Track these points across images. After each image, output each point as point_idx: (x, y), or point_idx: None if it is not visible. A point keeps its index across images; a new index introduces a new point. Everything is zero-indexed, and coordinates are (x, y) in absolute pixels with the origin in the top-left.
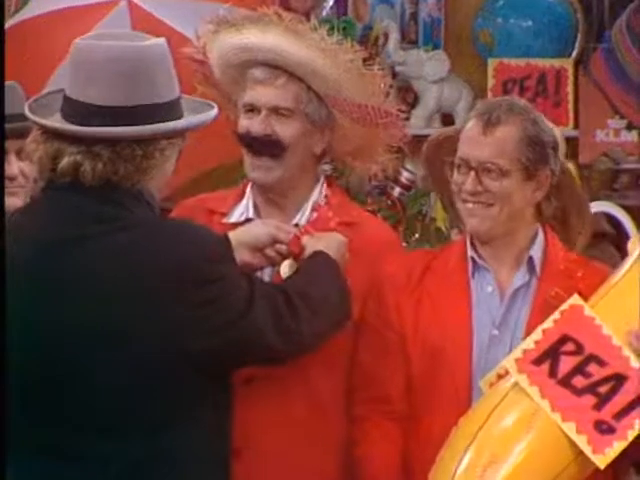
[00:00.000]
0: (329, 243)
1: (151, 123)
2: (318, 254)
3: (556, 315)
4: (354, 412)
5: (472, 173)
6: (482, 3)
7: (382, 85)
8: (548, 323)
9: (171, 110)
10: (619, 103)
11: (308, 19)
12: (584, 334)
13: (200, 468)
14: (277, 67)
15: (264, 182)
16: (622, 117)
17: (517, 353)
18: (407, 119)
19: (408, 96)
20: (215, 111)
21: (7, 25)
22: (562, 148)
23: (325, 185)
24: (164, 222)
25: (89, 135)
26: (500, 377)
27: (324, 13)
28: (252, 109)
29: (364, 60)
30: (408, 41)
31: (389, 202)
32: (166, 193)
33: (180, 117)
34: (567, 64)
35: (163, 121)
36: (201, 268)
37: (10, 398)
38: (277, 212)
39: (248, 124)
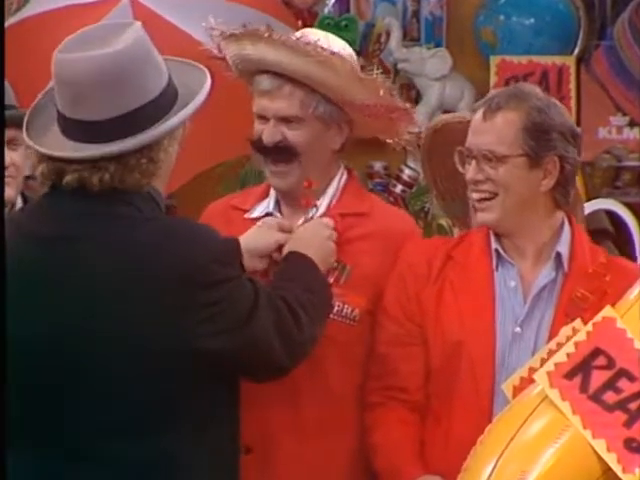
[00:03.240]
0: (310, 235)
1: (151, 125)
2: (298, 256)
3: (589, 327)
4: (369, 400)
5: (474, 161)
6: (484, 1)
7: (384, 88)
8: (581, 335)
9: (165, 101)
10: (621, 100)
11: (310, 15)
12: (615, 348)
13: (203, 471)
14: (281, 75)
15: (282, 188)
16: (624, 114)
17: (549, 366)
18: None
19: (410, 93)
20: (208, 80)
21: (9, 23)
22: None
23: (344, 176)
24: (173, 222)
25: (96, 157)
26: (523, 380)
27: (326, 10)
28: (262, 119)
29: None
30: (410, 39)
31: (391, 199)
32: (169, 190)
33: (174, 102)
34: (569, 61)
35: (161, 118)
36: (209, 269)
37: (10, 398)
38: (295, 207)
39: (260, 131)
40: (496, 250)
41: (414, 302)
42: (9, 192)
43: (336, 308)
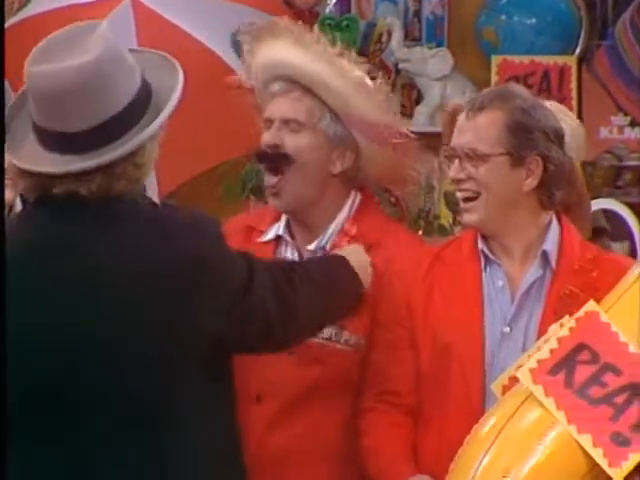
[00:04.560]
0: (354, 255)
1: (129, 129)
2: (338, 256)
3: (572, 323)
4: (362, 405)
5: (457, 160)
6: (485, 1)
7: (388, 101)
8: (564, 331)
9: (141, 103)
10: (622, 100)
11: (312, 15)
12: (600, 342)
13: (204, 466)
14: (294, 81)
15: (280, 207)
16: (626, 114)
17: (532, 363)
18: (410, 116)
19: (412, 93)
20: (180, 74)
21: (10, 22)
22: (576, 142)
23: (358, 203)
24: (160, 215)
25: (81, 170)
26: (512, 379)
27: (327, 10)
28: (268, 122)
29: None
30: (411, 38)
31: (392, 199)
32: (169, 190)
33: (149, 102)
34: (570, 61)
35: (137, 121)
36: (202, 256)
37: (10, 398)
38: (305, 231)
39: (263, 137)
40: (482, 251)
41: (403, 306)
42: (8, 195)
43: (334, 334)
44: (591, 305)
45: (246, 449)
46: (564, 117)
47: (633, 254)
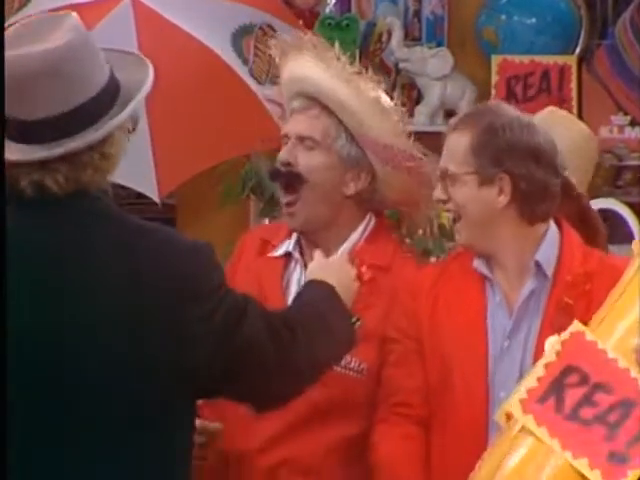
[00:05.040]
0: (334, 272)
1: (97, 120)
2: (319, 284)
3: (557, 347)
4: (374, 418)
5: (440, 181)
6: (485, 0)
7: (401, 124)
8: (550, 357)
9: (108, 95)
10: (623, 99)
11: (312, 15)
12: (588, 362)
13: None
14: (313, 98)
15: (295, 228)
16: (626, 113)
17: (521, 393)
18: (411, 116)
19: (412, 93)
20: (151, 69)
21: (10, 22)
22: (579, 152)
23: (372, 227)
24: (149, 229)
25: (48, 158)
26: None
27: (327, 10)
28: (285, 139)
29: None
30: (411, 38)
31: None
32: (169, 189)
33: (117, 95)
34: (571, 61)
35: (105, 113)
36: (206, 278)
37: (10, 398)
38: (314, 248)
39: (279, 154)
40: (477, 268)
41: (410, 318)
42: None
43: (345, 359)
44: (576, 325)
45: (242, 465)
46: (562, 128)
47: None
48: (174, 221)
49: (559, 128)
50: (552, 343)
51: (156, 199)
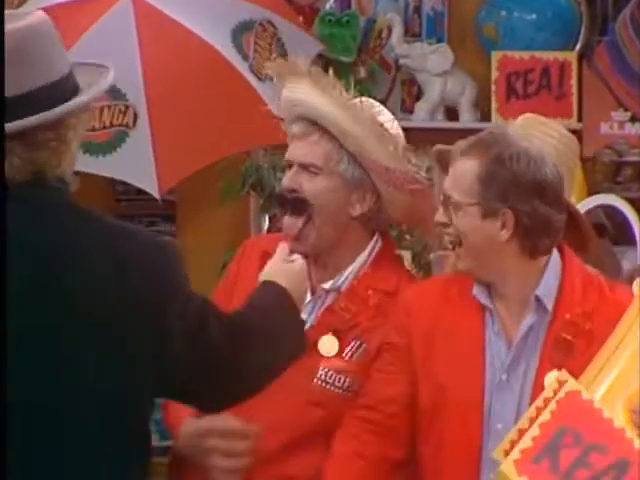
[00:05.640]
0: (285, 275)
1: (55, 105)
2: (272, 285)
3: (552, 406)
4: (344, 418)
5: (442, 205)
6: None
7: (399, 148)
8: (545, 416)
9: (67, 87)
10: (623, 96)
11: (312, 11)
12: (583, 422)
13: None
14: (313, 123)
15: (302, 252)
16: (626, 109)
17: (515, 454)
18: (411, 112)
19: (412, 89)
20: (112, 74)
21: None
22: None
23: (378, 249)
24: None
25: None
26: (514, 443)
27: (327, 6)
28: (289, 164)
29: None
30: (412, 34)
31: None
32: (170, 185)
33: (76, 90)
34: (571, 57)
35: (62, 101)
36: (175, 275)
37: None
38: (321, 269)
39: (283, 180)
40: (475, 296)
41: (401, 332)
42: None
43: (346, 382)
44: (571, 384)
45: None
46: (542, 135)
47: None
48: (174, 217)
49: (538, 135)
50: (550, 380)
51: (156, 195)
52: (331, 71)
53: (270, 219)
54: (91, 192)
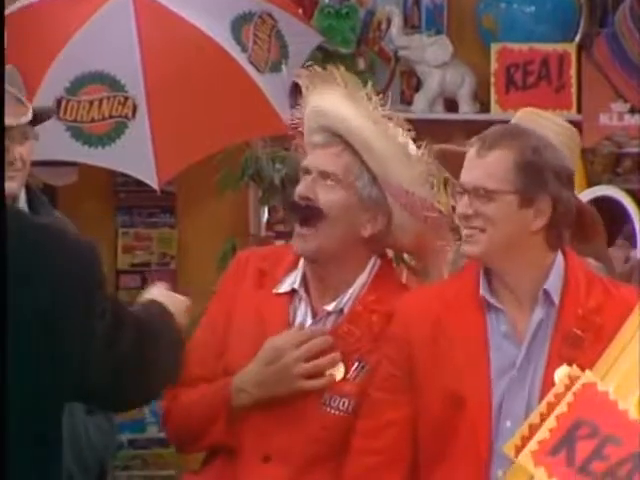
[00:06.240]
0: (171, 299)
1: None
2: (159, 303)
3: (569, 398)
4: (352, 444)
5: (465, 197)
6: None
7: (426, 174)
8: (562, 408)
9: None
10: (622, 87)
11: (312, 3)
12: (598, 414)
13: None
14: (337, 135)
15: (302, 251)
16: (625, 101)
17: (532, 445)
18: (410, 103)
19: (411, 81)
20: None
21: (9, 11)
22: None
23: (377, 267)
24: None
25: None
26: (524, 439)
27: None
28: (306, 173)
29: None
30: (411, 26)
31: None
32: (169, 177)
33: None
34: (570, 49)
35: None
36: (99, 270)
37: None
38: (321, 287)
39: (298, 188)
40: (483, 297)
41: (400, 348)
42: (13, 185)
43: (350, 405)
44: (587, 376)
45: None
46: (545, 129)
47: (633, 242)
48: (173, 209)
49: (540, 128)
50: (561, 376)
51: (155, 187)
52: (370, 84)
53: (269, 211)
54: (90, 183)
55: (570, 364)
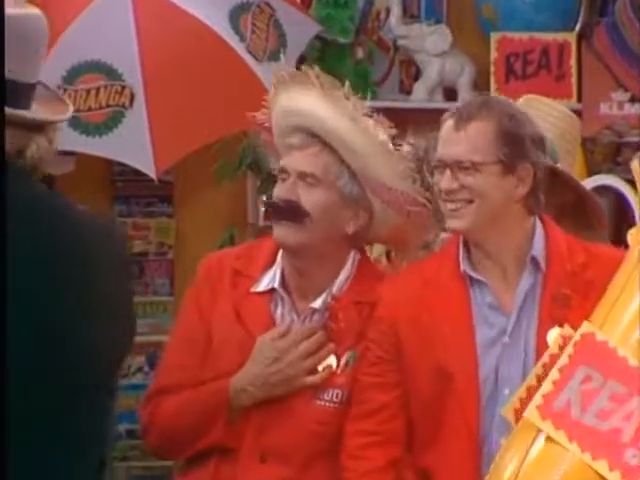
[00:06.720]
0: None
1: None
2: None
3: (570, 350)
4: (345, 430)
5: (447, 171)
6: None
7: (407, 169)
8: (564, 360)
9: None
10: (622, 76)
11: None
12: (600, 362)
13: None
14: (314, 135)
15: (286, 243)
16: (625, 90)
17: (537, 400)
18: (409, 92)
19: (410, 70)
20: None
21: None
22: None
23: (357, 260)
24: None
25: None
26: (523, 401)
27: None
28: (283, 174)
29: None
30: (410, 15)
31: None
32: (166, 166)
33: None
34: (570, 38)
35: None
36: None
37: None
38: (302, 285)
39: (277, 190)
40: (465, 271)
41: (388, 328)
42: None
43: (343, 396)
44: (586, 326)
45: None
46: (545, 115)
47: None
48: (171, 198)
49: (542, 114)
50: (554, 336)
51: (153, 176)
52: (347, 84)
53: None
54: (87, 173)
55: (561, 325)
